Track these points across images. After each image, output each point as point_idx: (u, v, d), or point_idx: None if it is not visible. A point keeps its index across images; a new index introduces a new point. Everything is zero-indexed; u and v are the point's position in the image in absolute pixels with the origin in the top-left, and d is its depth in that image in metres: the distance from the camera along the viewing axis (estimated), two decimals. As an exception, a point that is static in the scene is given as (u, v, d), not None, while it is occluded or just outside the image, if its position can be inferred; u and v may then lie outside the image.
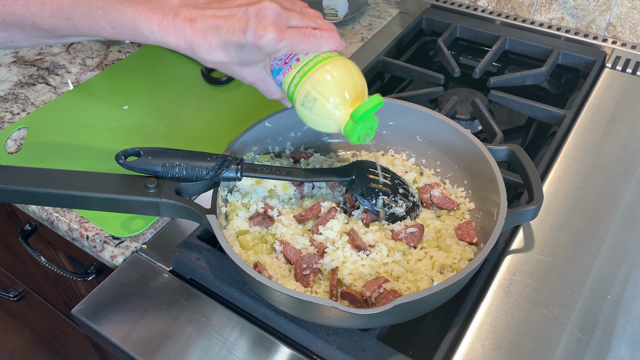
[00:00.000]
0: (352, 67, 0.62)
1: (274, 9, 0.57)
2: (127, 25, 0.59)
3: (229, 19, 0.58)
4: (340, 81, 0.60)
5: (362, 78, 0.63)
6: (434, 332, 0.64)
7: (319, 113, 0.61)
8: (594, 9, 1.02)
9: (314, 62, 0.61)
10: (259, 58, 0.61)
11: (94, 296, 0.67)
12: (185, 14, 0.58)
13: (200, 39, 0.58)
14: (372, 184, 0.68)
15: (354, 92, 0.61)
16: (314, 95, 0.60)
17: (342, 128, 0.61)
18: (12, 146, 0.88)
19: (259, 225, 0.69)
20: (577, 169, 0.79)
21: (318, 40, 0.60)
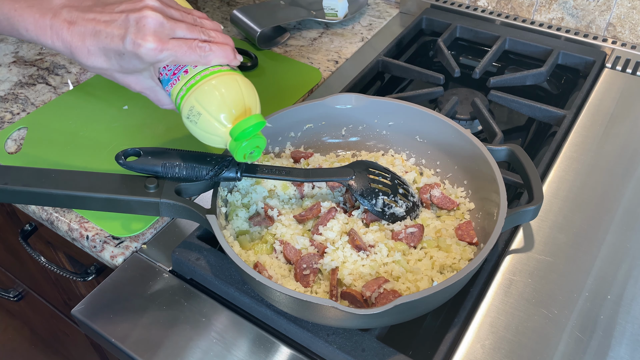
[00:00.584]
0: (242, 83, 0.60)
1: (155, 19, 0.56)
2: (2, 21, 0.58)
3: (109, 25, 0.56)
4: (225, 97, 0.59)
5: (253, 95, 0.61)
6: (434, 332, 0.64)
7: (204, 128, 0.60)
8: (594, 9, 1.02)
9: (201, 76, 0.60)
10: (140, 67, 0.59)
11: (94, 296, 0.67)
12: (65, 16, 0.57)
13: (78, 42, 0.57)
14: (372, 184, 0.68)
15: (241, 109, 0.59)
16: (198, 109, 0.59)
17: (228, 145, 0.60)
18: (12, 146, 0.88)
19: (259, 225, 0.69)
20: (577, 169, 0.79)
21: (205, 54, 0.58)
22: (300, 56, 1.07)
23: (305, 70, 1.03)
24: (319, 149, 0.80)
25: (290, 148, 0.78)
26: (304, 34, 1.13)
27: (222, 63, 0.61)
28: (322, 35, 1.13)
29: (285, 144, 0.78)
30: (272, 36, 1.12)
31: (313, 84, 1.00)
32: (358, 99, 0.77)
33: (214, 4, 1.25)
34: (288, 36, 1.12)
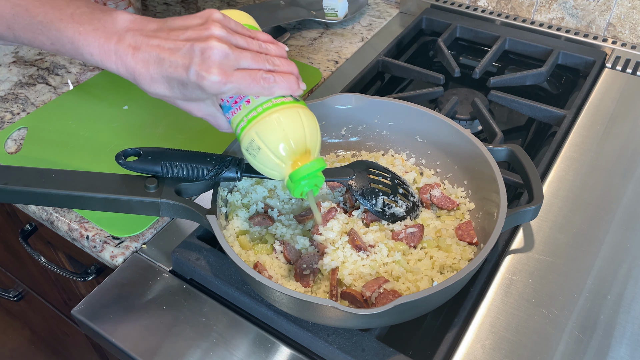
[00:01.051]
0: (304, 116, 0.58)
1: (221, 50, 0.53)
2: (66, 44, 0.56)
3: (173, 53, 0.54)
4: (287, 132, 0.57)
5: (314, 129, 0.59)
6: (434, 332, 0.64)
7: (262, 162, 0.58)
8: (594, 9, 1.02)
9: (263, 108, 0.58)
10: (203, 97, 0.58)
11: (94, 296, 0.67)
12: (129, 41, 0.55)
13: (142, 69, 0.55)
14: (372, 184, 0.68)
15: (302, 146, 0.58)
16: (258, 143, 0.57)
17: (285, 181, 0.59)
18: (12, 146, 0.88)
19: (259, 225, 0.69)
20: (577, 169, 0.79)
21: (269, 85, 0.56)
22: (300, 56, 1.07)
23: (305, 70, 1.03)
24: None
25: (290, 148, 0.78)
26: (304, 34, 1.13)
27: (285, 94, 0.58)
28: (322, 35, 1.13)
29: (285, 144, 0.78)
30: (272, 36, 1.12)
31: (313, 84, 1.00)
32: (358, 99, 0.77)
33: (214, 4, 1.25)
34: (288, 36, 1.12)
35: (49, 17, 0.56)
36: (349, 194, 0.71)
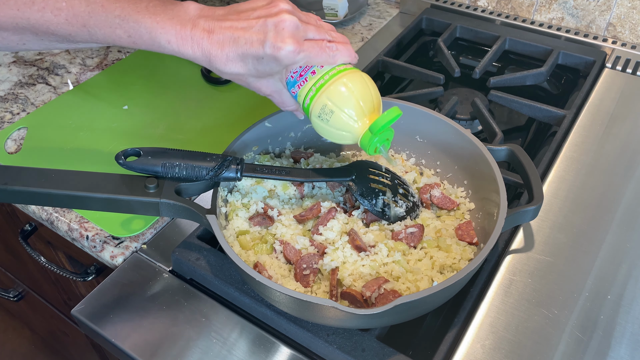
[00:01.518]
0: (368, 79, 0.63)
1: (292, 22, 0.57)
2: (144, 34, 0.60)
3: (247, 31, 0.57)
4: (357, 94, 0.60)
5: (377, 91, 0.63)
6: (434, 332, 0.64)
7: (336, 125, 0.61)
8: (594, 9, 1.02)
9: (330, 75, 0.61)
10: (276, 70, 0.60)
11: (94, 296, 0.67)
12: (203, 25, 0.58)
13: (217, 50, 0.58)
14: (372, 184, 0.68)
15: (371, 105, 0.61)
16: (331, 107, 0.61)
17: (359, 140, 0.62)
18: (12, 146, 0.88)
19: (259, 225, 0.69)
20: (577, 169, 0.79)
21: (334, 53, 0.60)
22: (300, 56, 1.07)
23: (305, 70, 1.03)
24: (319, 149, 0.79)
25: (290, 148, 0.78)
26: (304, 34, 1.13)
27: (346, 62, 0.62)
28: (322, 35, 1.13)
29: (285, 144, 0.78)
30: (272, 36, 1.12)
31: (313, 84, 0.99)
32: (358, 99, 0.77)
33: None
34: (288, 36, 1.12)
35: (126, 11, 0.59)
36: (349, 194, 0.71)
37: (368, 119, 0.61)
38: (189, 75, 1.02)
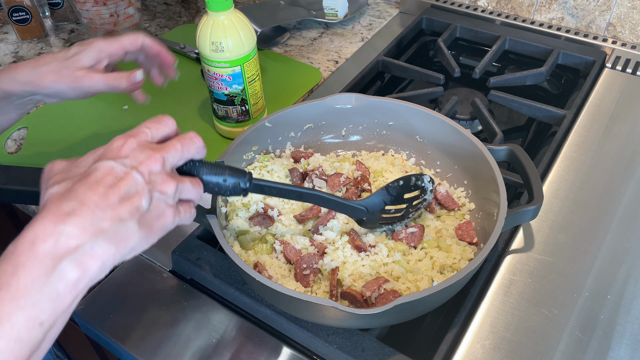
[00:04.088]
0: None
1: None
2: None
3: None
4: None
5: None
6: (434, 332, 0.64)
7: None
8: (594, 9, 1.02)
9: None
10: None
11: (94, 296, 0.67)
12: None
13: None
14: (381, 222, 0.67)
15: None
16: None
17: None
18: (12, 146, 0.88)
19: (259, 225, 0.69)
20: (577, 169, 0.79)
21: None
22: (300, 56, 1.07)
23: (305, 70, 1.03)
24: (319, 149, 0.80)
25: (290, 148, 0.78)
26: (304, 34, 1.13)
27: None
28: (322, 35, 1.13)
29: (285, 144, 0.78)
30: (272, 36, 1.12)
31: (313, 84, 1.00)
32: (358, 99, 0.77)
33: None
34: (288, 36, 1.12)
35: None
36: (349, 193, 0.71)
37: None
38: (189, 75, 1.02)
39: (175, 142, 0.51)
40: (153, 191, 0.47)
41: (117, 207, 0.44)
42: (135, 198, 0.46)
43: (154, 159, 0.48)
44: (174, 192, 0.49)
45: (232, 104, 0.84)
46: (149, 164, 0.47)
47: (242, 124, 0.87)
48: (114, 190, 0.45)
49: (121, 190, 0.45)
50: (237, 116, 0.86)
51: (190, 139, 0.52)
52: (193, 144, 0.52)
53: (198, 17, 1.21)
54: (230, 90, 0.83)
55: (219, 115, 0.87)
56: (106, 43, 0.73)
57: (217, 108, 0.86)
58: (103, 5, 1.04)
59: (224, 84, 0.82)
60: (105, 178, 0.45)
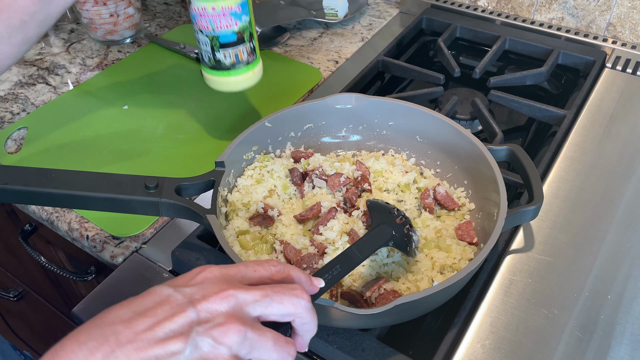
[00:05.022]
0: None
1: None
2: None
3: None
4: None
5: None
6: (434, 332, 0.64)
7: None
8: (594, 9, 1.02)
9: None
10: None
11: (94, 296, 0.67)
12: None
13: None
14: (406, 229, 0.63)
15: None
16: None
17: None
18: (12, 146, 0.88)
19: (259, 225, 0.69)
20: (577, 169, 0.79)
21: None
22: (300, 56, 1.07)
23: (305, 70, 1.03)
24: (319, 149, 0.80)
25: (290, 148, 0.78)
26: (304, 34, 1.13)
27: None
28: (322, 35, 1.13)
29: (285, 144, 0.78)
30: (272, 36, 1.12)
31: (313, 84, 1.00)
32: (358, 99, 0.77)
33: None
34: (288, 36, 1.12)
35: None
36: (349, 193, 0.71)
37: None
38: (189, 75, 1.02)
39: (267, 288, 0.40)
40: (202, 335, 0.37)
41: (144, 347, 0.36)
42: (172, 342, 0.36)
43: (223, 295, 0.38)
44: (237, 342, 0.37)
45: (243, 42, 0.76)
46: (214, 300, 0.38)
47: (252, 65, 0.79)
48: (152, 328, 0.37)
49: (163, 328, 0.36)
50: (247, 57, 0.78)
51: (291, 290, 0.41)
52: (293, 298, 0.40)
53: (198, 17, 1.21)
54: (241, 24, 0.74)
55: (225, 66, 0.77)
56: None
57: (224, 57, 0.76)
58: (103, 5, 1.04)
59: (233, 19, 0.73)
60: (152, 309, 0.38)
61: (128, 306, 0.39)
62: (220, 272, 0.40)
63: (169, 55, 1.07)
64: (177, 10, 1.24)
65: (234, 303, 0.38)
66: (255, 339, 0.38)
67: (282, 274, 0.43)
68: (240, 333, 0.37)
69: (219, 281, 0.39)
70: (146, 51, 1.09)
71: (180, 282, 0.40)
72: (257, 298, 0.39)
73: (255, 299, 0.39)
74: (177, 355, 0.36)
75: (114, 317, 0.38)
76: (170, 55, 1.07)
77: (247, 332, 0.37)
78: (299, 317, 0.41)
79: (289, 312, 0.40)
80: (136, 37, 1.12)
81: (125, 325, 0.37)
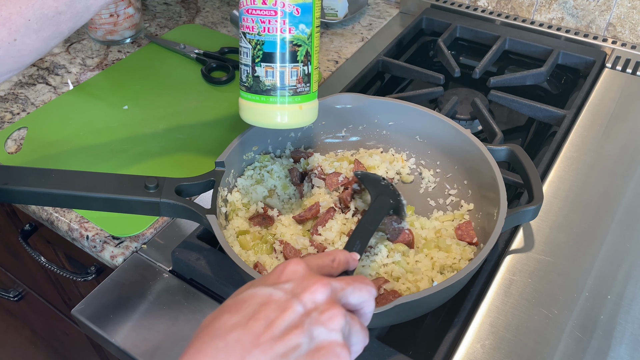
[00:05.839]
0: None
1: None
2: None
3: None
4: None
5: None
6: (434, 332, 0.64)
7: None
8: (594, 9, 1.02)
9: None
10: None
11: (94, 296, 0.67)
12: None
13: None
14: (398, 197, 0.67)
15: None
16: None
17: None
18: (12, 146, 0.88)
19: (259, 225, 0.69)
20: (577, 169, 0.79)
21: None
22: (300, 56, 1.07)
23: (305, 70, 1.03)
24: (319, 149, 0.80)
25: (290, 148, 0.78)
26: (304, 34, 1.13)
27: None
28: (322, 35, 1.13)
29: (285, 143, 0.78)
30: (272, 36, 1.12)
31: (313, 84, 0.99)
32: (358, 99, 0.77)
33: (214, 4, 1.25)
34: (288, 36, 1.12)
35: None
36: (344, 193, 0.71)
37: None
38: (189, 75, 1.02)
39: (348, 278, 0.43)
40: (314, 324, 0.39)
41: (269, 349, 0.37)
42: (291, 336, 0.38)
43: (321, 284, 0.40)
44: (343, 326, 0.40)
45: (295, 59, 0.59)
46: (314, 290, 0.40)
47: (301, 98, 0.61)
48: (269, 329, 0.38)
49: (278, 326, 0.38)
50: (296, 83, 0.60)
51: (364, 279, 0.44)
52: (368, 287, 0.44)
53: (198, 17, 1.21)
54: (297, 33, 0.58)
55: (264, 87, 0.60)
56: None
57: (264, 73, 0.59)
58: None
59: (288, 22, 0.57)
60: (261, 311, 0.39)
61: (235, 312, 0.40)
62: (303, 265, 0.43)
63: (169, 55, 1.07)
64: (177, 10, 1.24)
65: (330, 291, 0.41)
66: (351, 322, 0.41)
67: (339, 262, 0.47)
68: (344, 317, 0.40)
69: (308, 274, 0.42)
70: (146, 51, 1.09)
71: (271, 280, 0.42)
72: (345, 286, 0.42)
73: (343, 287, 0.42)
74: (298, 348, 0.38)
75: (228, 326, 0.39)
76: (170, 55, 1.07)
77: (346, 316, 0.40)
78: (368, 304, 0.44)
79: (364, 299, 0.43)
80: (136, 37, 1.12)
81: (244, 331, 0.38)
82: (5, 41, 0.58)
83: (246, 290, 0.42)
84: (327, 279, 0.42)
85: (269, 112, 0.62)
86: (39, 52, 0.61)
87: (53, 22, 0.59)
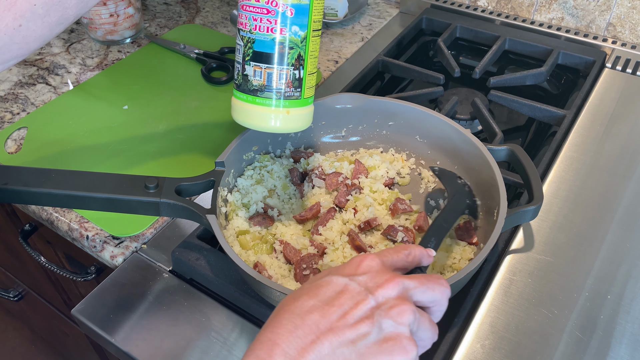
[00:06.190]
0: None
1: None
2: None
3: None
4: None
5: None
6: (434, 332, 0.64)
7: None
8: (594, 9, 1.02)
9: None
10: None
11: (94, 296, 0.67)
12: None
13: None
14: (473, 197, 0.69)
15: None
16: None
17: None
18: (12, 146, 0.88)
19: (259, 225, 0.69)
20: (577, 169, 0.79)
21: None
22: (300, 56, 1.07)
23: (305, 70, 1.03)
24: (319, 149, 0.80)
25: (290, 148, 0.78)
26: (304, 34, 1.13)
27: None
28: (322, 35, 1.13)
29: (285, 143, 0.78)
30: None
31: (313, 84, 0.99)
32: (358, 99, 0.77)
33: (214, 4, 1.25)
34: (288, 36, 1.12)
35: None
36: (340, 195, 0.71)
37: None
38: (189, 75, 1.02)
39: (421, 277, 0.45)
40: (384, 317, 0.41)
41: (342, 333, 0.41)
42: (361, 325, 0.41)
43: (393, 282, 0.43)
44: (412, 321, 0.42)
45: (282, 63, 0.58)
46: (387, 287, 0.43)
47: (289, 103, 0.60)
48: (344, 317, 0.41)
49: (352, 316, 0.41)
50: (285, 87, 0.59)
51: (439, 279, 0.46)
52: (441, 287, 0.45)
53: (198, 17, 1.21)
54: (289, 35, 0.57)
55: (252, 86, 0.60)
56: None
57: (252, 72, 0.58)
58: (103, 5, 1.04)
59: (279, 21, 0.56)
60: (337, 299, 0.42)
61: (314, 296, 0.43)
62: (378, 261, 0.45)
63: (169, 55, 1.07)
64: (177, 10, 1.24)
65: (402, 288, 0.43)
66: (420, 319, 0.43)
67: (414, 256, 0.49)
68: (413, 313, 0.42)
69: (382, 270, 0.45)
70: (146, 51, 1.09)
71: (348, 271, 0.45)
72: (417, 285, 0.44)
73: (415, 285, 0.44)
74: (367, 336, 0.41)
75: (307, 307, 0.42)
76: (170, 55, 1.07)
77: (415, 313, 0.43)
78: (440, 304, 0.46)
79: (436, 298, 0.46)
80: (136, 37, 1.12)
81: (321, 314, 0.42)
82: (10, 27, 0.57)
83: (324, 277, 0.44)
84: (399, 277, 0.44)
85: (254, 113, 0.62)
86: (44, 38, 0.60)
87: (59, 7, 0.58)
